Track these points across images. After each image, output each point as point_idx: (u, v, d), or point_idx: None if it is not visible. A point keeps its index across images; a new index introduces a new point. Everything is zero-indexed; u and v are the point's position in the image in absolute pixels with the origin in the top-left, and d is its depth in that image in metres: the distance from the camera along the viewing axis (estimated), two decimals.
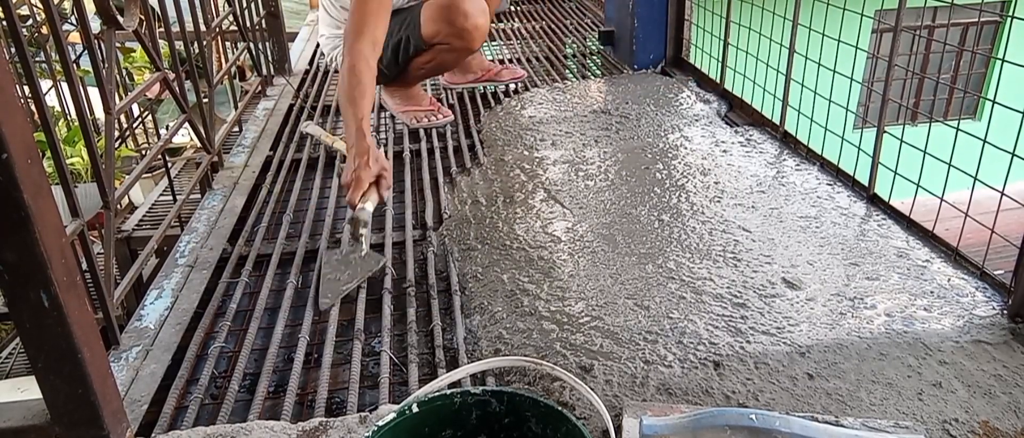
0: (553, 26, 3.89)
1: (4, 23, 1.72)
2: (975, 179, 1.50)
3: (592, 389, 1.16)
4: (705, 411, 1.07)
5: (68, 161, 3.38)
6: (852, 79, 1.92)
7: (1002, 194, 1.45)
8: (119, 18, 1.62)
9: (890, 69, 1.77)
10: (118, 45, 4.44)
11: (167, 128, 3.35)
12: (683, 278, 1.54)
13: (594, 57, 3.35)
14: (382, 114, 2.73)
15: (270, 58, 3.15)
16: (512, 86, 2.94)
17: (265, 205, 2.03)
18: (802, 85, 2.10)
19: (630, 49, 3.01)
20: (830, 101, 1.97)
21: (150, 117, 4.24)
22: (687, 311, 1.43)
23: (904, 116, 6.13)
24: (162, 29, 2.18)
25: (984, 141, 1.49)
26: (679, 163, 2.12)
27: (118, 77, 3.87)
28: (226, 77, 2.65)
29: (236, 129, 2.67)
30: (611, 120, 2.47)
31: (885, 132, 1.80)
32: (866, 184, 1.86)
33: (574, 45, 3.56)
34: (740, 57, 2.50)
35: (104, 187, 1.43)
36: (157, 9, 2.09)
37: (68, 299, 0.92)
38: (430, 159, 2.31)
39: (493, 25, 3.97)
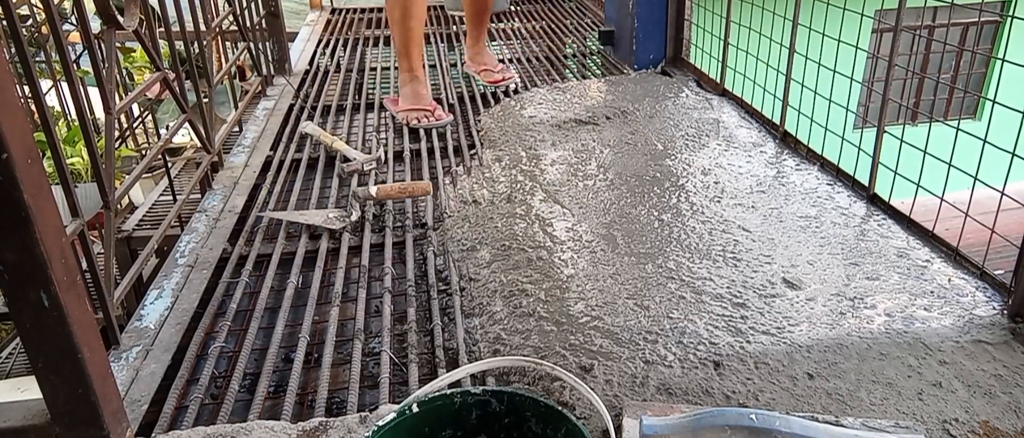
0: (553, 26, 3.89)
1: (4, 23, 1.72)
2: (975, 179, 1.50)
3: (592, 389, 1.16)
4: (705, 411, 1.07)
5: (68, 161, 3.38)
6: (852, 79, 1.92)
7: (1002, 194, 1.45)
8: (119, 18, 1.62)
9: (890, 69, 1.77)
10: (118, 45, 4.44)
11: (167, 128, 3.35)
12: (683, 278, 1.54)
13: (594, 57, 3.35)
14: (383, 113, 2.73)
15: (270, 58, 3.15)
16: (512, 86, 2.94)
17: (265, 205, 2.03)
18: (802, 85, 2.10)
19: (630, 49, 3.01)
20: (830, 101, 1.97)
21: (150, 117, 4.24)
22: (687, 311, 1.43)
23: (904, 116, 6.13)
24: (162, 29, 2.18)
25: (984, 141, 1.49)
26: (679, 163, 2.12)
27: (118, 77, 3.87)
28: (226, 77, 2.65)
29: (236, 129, 2.67)
30: (611, 120, 2.47)
31: (885, 132, 1.80)
32: (866, 184, 1.86)
33: (574, 45, 3.56)
34: (740, 57, 2.50)
35: (104, 187, 1.43)
36: (157, 9, 2.09)
37: (68, 299, 0.92)
38: (430, 159, 2.31)
39: (493, 25, 3.98)
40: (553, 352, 1.32)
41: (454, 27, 3.94)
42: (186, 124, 2.02)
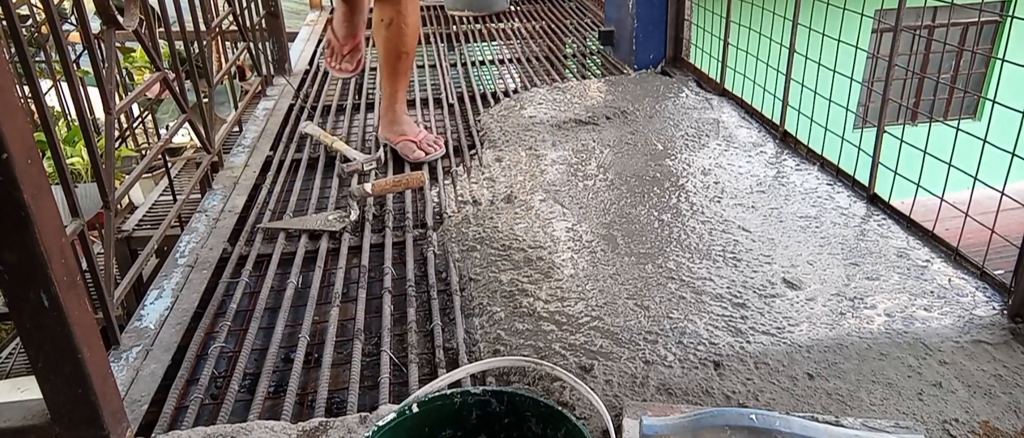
0: (553, 26, 3.89)
1: (4, 23, 1.72)
2: (975, 179, 1.50)
3: (592, 389, 1.16)
4: (705, 411, 1.07)
5: (68, 161, 3.38)
6: (852, 79, 1.92)
7: (1002, 194, 1.45)
8: (119, 18, 1.62)
9: (890, 69, 1.77)
10: (118, 45, 4.44)
11: (167, 128, 3.35)
12: (683, 278, 1.54)
13: (594, 57, 3.35)
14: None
15: (270, 58, 3.15)
16: (512, 85, 2.93)
17: (265, 205, 2.03)
18: (802, 85, 2.10)
19: (630, 49, 3.01)
20: (830, 101, 1.97)
21: (150, 117, 4.24)
22: (687, 311, 1.43)
23: (904, 116, 6.13)
24: (162, 29, 2.18)
25: (984, 141, 1.49)
26: (679, 163, 2.12)
27: (118, 77, 3.87)
28: (226, 77, 2.65)
29: (236, 129, 2.67)
30: (611, 120, 2.47)
31: (885, 132, 1.80)
32: (866, 184, 1.86)
33: (574, 45, 3.56)
34: (740, 57, 2.50)
35: (104, 187, 1.43)
36: (157, 9, 2.09)
37: (68, 299, 0.92)
38: None
39: (493, 25, 3.98)
40: (553, 352, 1.32)
41: (454, 27, 3.94)
42: (186, 124, 2.02)
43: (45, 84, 3.57)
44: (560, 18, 4.06)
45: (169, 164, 3.31)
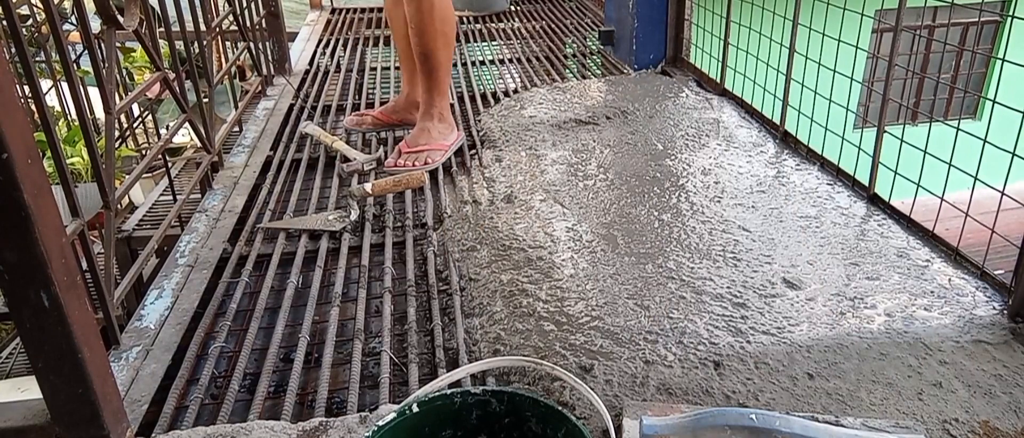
0: (553, 26, 3.89)
1: (4, 23, 1.72)
2: (975, 179, 1.50)
3: (592, 389, 1.16)
4: (705, 411, 1.07)
5: (68, 161, 3.37)
6: (852, 79, 1.92)
7: (1002, 194, 1.45)
8: (119, 18, 1.62)
9: (890, 69, 1.77)
10: (118, 45, 4.43)
11: (167, 128, 3.35)
12: (683, 278, 1.54)
13: (594, 57, 3.35)
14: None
15: (270, 58, 3.15)
16: (512, 85, 2.93)
17: (265, 205, 2.02)
18: (802, 85, 2.10)
19: (630, 49, 3.01)
20: (830, 101, 1.97)
21: (150, 117, 4.23)
22: (687, 311, 1.43)
23: (904, 116, 6.13)
24: (162, 29, 2.18)
25: (984, 141, 1.49)
26: (679, 163, 2.12)
27: (118, 77, 3.87)
28: (226, 77, 2.65)
29: (236, 129, 2.67)
30: (611, 120, 2.47)
31: (885, 132, 1.80)
32: (866, 184, 1.86)
33: (574, 45, 3.56)
34: (740, 57, 2.50)
35: (104, 187, 1.43)
36: (157, 9, 2.09)
37: (68, 299, 0.92)
38: None
39: (493, 25, 3.98)
40: (553, 352, 1.32)
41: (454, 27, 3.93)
42: (186, 124, 2.02)
43: (45, 84, 3.56)
44: (560, 18, 4.06)
45: (169, 164, 3.31)
